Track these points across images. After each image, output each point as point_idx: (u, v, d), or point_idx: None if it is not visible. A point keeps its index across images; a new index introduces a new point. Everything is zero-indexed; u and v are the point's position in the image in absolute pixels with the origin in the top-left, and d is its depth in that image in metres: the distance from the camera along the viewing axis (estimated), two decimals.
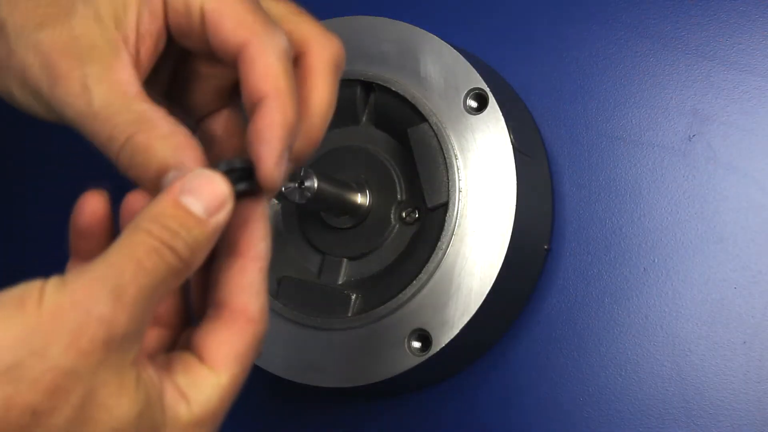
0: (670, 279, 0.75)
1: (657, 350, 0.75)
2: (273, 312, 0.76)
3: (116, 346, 0.49)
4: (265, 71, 0.55)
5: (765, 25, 0.75)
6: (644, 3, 0.77)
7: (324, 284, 0.77)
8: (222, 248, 0.54)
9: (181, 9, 0.57)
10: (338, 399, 0.81)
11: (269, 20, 0.56)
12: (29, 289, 0.48)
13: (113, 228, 0.55)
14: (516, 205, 0.73)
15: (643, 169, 0.76)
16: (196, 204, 0.51)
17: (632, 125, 0.77)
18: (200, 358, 0.53)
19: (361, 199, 0.77)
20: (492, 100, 0.74)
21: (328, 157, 0.78)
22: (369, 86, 0.77)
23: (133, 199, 0.55)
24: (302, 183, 0.72)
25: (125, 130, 0.54)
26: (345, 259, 0.77)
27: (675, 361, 0.74)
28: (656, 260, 0.75)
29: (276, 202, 0.79)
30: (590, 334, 0.76)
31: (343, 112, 0.78)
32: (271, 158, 0.53)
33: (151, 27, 0.57)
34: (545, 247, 0.77)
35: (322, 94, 0.58)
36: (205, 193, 0.52)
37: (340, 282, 0.77)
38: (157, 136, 0.54)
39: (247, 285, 0.54)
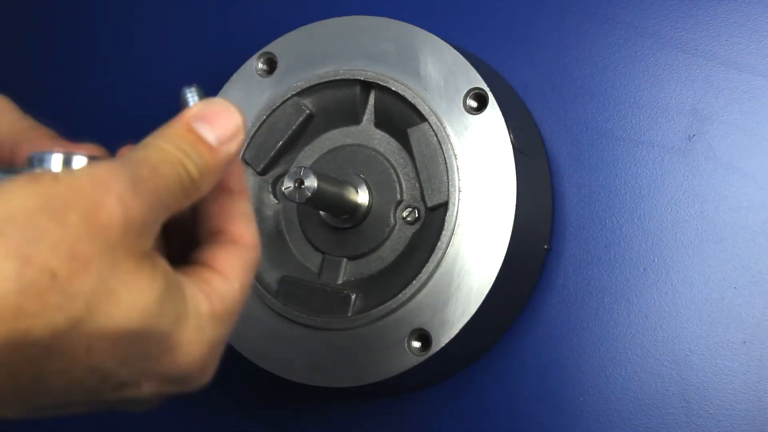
0: (670, 279, 0.75)
1: (657, 350, 0.75)
2: (273, 312, 0.76)
3: (133, 231, 0.48)
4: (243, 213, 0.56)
5: (765, 25, 0.75)
6: (644, 3, 0.77)
7: (324, 284, 0.77)
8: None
9: None
10: (338, 399, 0.81)
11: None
12: (41, 172, 0.48)
13: None
14: (516, 205, 0.73)
15: (643, 169, 0.76)
16: (209, 132, 0.52)
17: (632, 125, 0.77)
18: (212, 269, 0.53)
19: (361, 199, 0.77)
20: (492, 100, 0.74)
21: (328, 157, 0.78)
22: (369, 86, 0.77)
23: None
24: (302, 183, 0.72)
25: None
26: (345, 259, 0.77)
27: (675, 361, 0.74)
28: (656, 260, 0.75)
29: (276, 202, 0.79)
30: (590, 334, 0.76)
31: (343, 112, 0.78)
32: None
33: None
34: (545, 246, 0.77)
35: None
36: (219, 123, 0.52)
37: (340, 282, 0.77)
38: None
39: (241, 213, 0.55)
